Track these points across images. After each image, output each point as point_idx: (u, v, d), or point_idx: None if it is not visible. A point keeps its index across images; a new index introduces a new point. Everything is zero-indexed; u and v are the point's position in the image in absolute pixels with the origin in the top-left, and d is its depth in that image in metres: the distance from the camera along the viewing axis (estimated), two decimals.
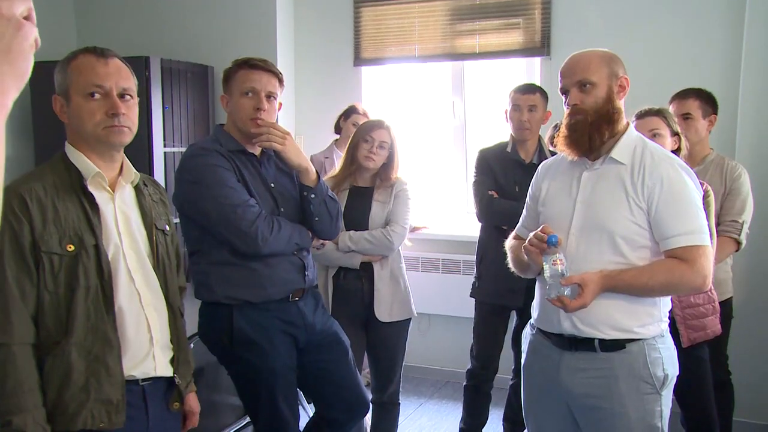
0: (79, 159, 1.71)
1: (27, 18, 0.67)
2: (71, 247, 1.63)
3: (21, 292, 1.58)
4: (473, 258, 3.32)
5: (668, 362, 1.93)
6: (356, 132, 2.96)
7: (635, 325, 1.90)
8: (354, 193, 2.93)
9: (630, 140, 1.95)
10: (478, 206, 3.15)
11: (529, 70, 4.16)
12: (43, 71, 4.46)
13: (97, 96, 1.68)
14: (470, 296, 3.28)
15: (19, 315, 1.57)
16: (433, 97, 4.54)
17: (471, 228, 3.68)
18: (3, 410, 1.55)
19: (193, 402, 1.97)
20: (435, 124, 4.55)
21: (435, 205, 4.51)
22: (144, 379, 1.76)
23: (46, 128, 4.01)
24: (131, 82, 1.76)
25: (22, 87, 0.66)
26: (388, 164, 2.91)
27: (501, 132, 3.30)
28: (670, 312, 2.00)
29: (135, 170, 1.84)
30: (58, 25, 4.69)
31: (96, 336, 1.65)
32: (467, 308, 3.39)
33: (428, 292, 4.14)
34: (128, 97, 1.73)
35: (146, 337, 1.76)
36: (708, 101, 3.00)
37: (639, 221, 1.87)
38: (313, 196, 2.29)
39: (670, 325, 2.01)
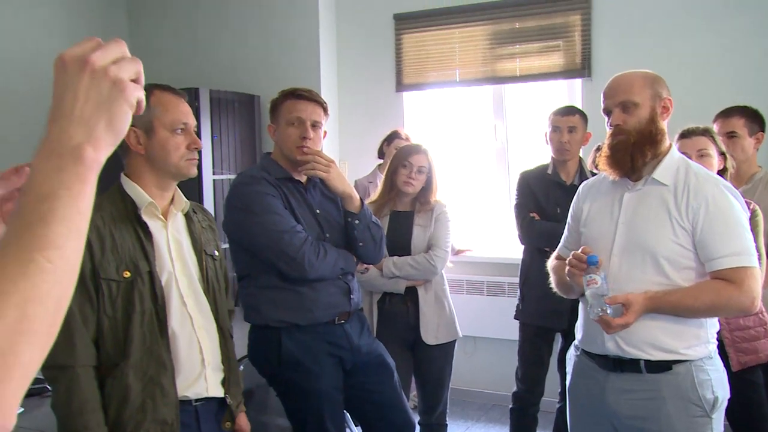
0: (133, 190, 1.80)
1: (136, 80, 0.71)
2: (127, 274, 1.71)
3: (83, 317, 1.67)
4: (517, 280, 3.32)
5: (718, 385, 1.90)
6: (394, 157, 3.01)
7: (681, 346, 1.88)
8: (395, 217, 2.97)
9: (673, 161, 1.95)
10: (519, 228, 3.16)
11: (571, 91, 4.16)
12: None
13: (180, 131, 1.80)
14: (514, 318, 3.27)
15: (81, 339, 1.66)
16: (475, 120, 4.57)
17: (515, 250, 3.69)
18: (69, 429, 1.64)
19: (243, 422, 2.02)
20: (477, 147, 4.57)
21: (479, 228, 4.52)
22: (197, 400, 1.82)
23: None
24: None
25: (116, 145, 0.70)
26: (426, 188, 2.95)
27: (543, 154, 3.31)
28: (718, 334, 1.98)
29: (185, 198, 1.92)
30: None
31: (151, 358, 1.72)
32: (512, 330, 3.38)
33: (473, 314, 4.14)
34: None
35: (198, 358, 1.82)
36: (754, 118, 2.96)
37: (683, 242, 1.86)
38: (357, 221, 2.35)
39: (718, 347, 1.98)
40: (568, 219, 2.21)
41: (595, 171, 2.92)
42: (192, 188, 3.86)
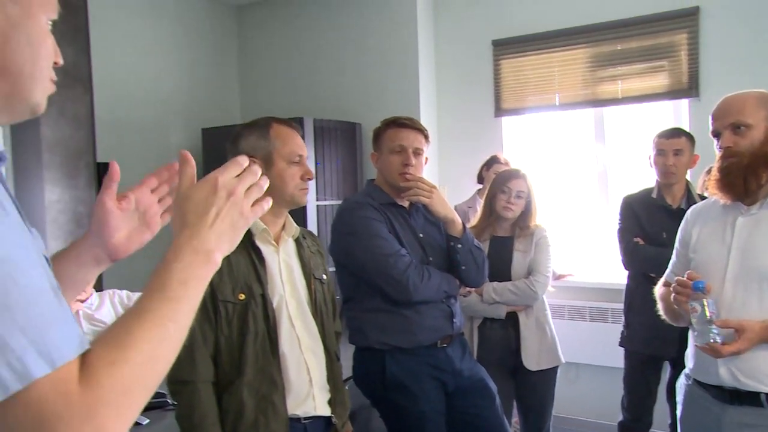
0: None
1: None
2: (242, 296, 1.81)
3: (203, 336, 1.78)
4: (621, 306, 3.24)
5: None
6: (492, 183, 3.03)
7: None
8: (494, 243, 2.99)
9: None
10: (623, 253, 3.09)
11: (677, 112, 4.04)
12: (212, 136, 4.87)
13: (295, 163, 1.91)
14: (619, 345, 3.19)
15: (202, 356, 1.77)
16: (575, 143, 4.51)
17: (618, 275, 3.60)
18: None
19: None
20: (577, 170, 4.51)
21: (580, 253, 4.44)
22: (305, 418, 1.89)
23: None
24: None
25: (229, 251, 0.91)
26: (526, 212, 2.96)
27: (646, 177, 3.24)
28: None
29: (296, 225, 2.02)
30: (223, 94, 5.21)
31: (264, 377, 1.81)
32: (617, 358, 3.29)
33: (575, 340, 4.06)
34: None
35: (306, 379, 1.90)
36: None
37: None
38: (459, 245, 2.38)
39: None
40: (676, 244, 2.15)
41: (705, 194, 2.82)
42: (297, 213, 4.00)
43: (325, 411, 1.94)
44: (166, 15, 4.78)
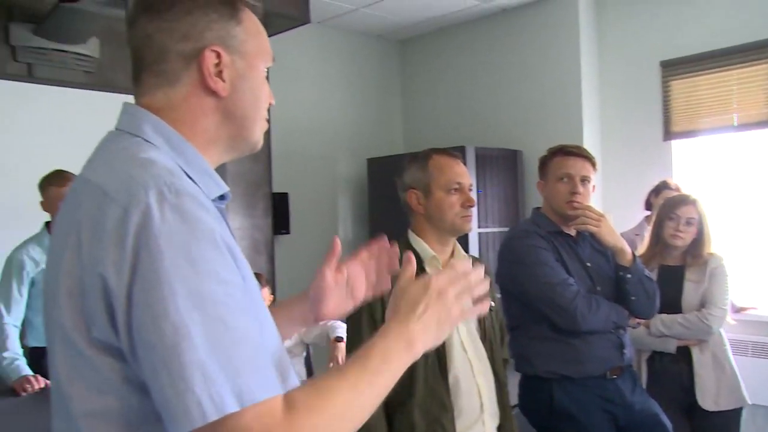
0: (419, 244, 2.00)
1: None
2: None
3: None
4: None
5: None
6: (660, 210, 2.91)
7: None
8: (663, 272, 2.85)
9: None
10: None
11: None
12: (377, 165, 5.10)
13: (454, 191, 1.97)
14: None
15: None
16: (757, 166, 4.19)
17: None
18: None
19: None
20: (761, 195, 4.18)
21: (766, 284, 4.09)
22: None
23: (379, 213, 4.63)
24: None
25: (433, 348, 1.00)
26: (698, 240, 2.80)
27: None
28: None
29: (464, 252, 2.08)
30: (388, 125, 5.43)
31: (434, 399, 1.86)
32: None
33: (761, 381, 3.73)
34: (471, 192, 2.02)
35: (477, 403, 1.92)
36: None
37: None
38: (629, 275, 2.32)
39: None
40: None
41: None
42: (460, 240, 4.05)
43: None
44: (336, 52, 5.10)
